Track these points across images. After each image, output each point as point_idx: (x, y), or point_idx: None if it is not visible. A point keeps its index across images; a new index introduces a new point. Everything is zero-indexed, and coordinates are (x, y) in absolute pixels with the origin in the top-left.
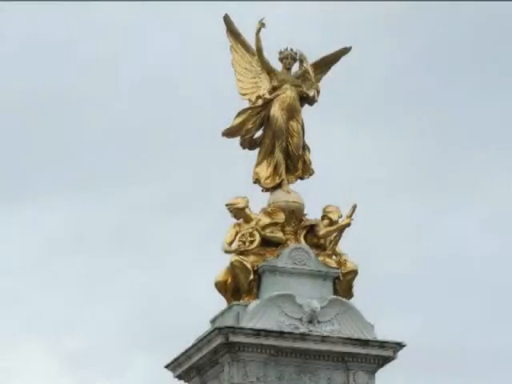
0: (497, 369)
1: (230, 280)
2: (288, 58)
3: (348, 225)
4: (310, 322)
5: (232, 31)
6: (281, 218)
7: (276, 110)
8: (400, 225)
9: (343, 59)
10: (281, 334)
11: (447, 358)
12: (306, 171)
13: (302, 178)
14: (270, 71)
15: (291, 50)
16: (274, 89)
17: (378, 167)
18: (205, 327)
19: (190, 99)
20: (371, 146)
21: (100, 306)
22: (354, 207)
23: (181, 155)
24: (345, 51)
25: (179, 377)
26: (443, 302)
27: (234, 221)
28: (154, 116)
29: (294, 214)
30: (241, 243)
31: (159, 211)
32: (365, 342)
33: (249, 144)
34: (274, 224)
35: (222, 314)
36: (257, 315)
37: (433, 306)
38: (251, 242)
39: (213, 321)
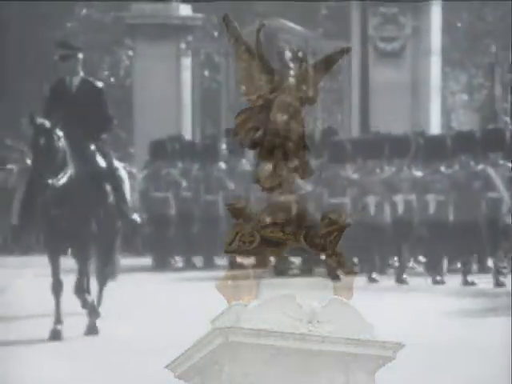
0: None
1: (230, 280)
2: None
3: (348, 225)
4: (310, 322)
5: (232, 31)
6: (281, 218)
7: (276, 110)
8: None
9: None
10: (281, 334)
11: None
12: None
13: (301, 178)
14: (270, 71)
15: (291, 49)
16: (274, 89)
17: None
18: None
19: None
20: None
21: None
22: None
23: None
24: (345, 51)
25: (179, 377)
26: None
27: (234, 221)
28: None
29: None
30: (241, 243)
31: None
32: (365, 342)
33: (249, 144)
34: (274, 224)
35: (222, 313)
36: (257, 315)
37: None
38: (251, 242)
39: (213, 321)
